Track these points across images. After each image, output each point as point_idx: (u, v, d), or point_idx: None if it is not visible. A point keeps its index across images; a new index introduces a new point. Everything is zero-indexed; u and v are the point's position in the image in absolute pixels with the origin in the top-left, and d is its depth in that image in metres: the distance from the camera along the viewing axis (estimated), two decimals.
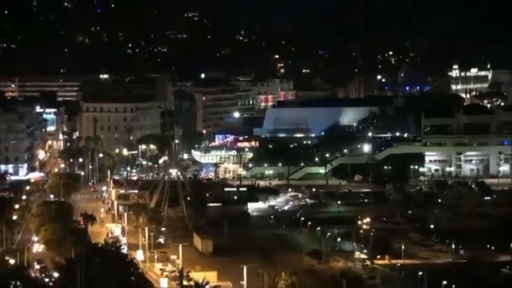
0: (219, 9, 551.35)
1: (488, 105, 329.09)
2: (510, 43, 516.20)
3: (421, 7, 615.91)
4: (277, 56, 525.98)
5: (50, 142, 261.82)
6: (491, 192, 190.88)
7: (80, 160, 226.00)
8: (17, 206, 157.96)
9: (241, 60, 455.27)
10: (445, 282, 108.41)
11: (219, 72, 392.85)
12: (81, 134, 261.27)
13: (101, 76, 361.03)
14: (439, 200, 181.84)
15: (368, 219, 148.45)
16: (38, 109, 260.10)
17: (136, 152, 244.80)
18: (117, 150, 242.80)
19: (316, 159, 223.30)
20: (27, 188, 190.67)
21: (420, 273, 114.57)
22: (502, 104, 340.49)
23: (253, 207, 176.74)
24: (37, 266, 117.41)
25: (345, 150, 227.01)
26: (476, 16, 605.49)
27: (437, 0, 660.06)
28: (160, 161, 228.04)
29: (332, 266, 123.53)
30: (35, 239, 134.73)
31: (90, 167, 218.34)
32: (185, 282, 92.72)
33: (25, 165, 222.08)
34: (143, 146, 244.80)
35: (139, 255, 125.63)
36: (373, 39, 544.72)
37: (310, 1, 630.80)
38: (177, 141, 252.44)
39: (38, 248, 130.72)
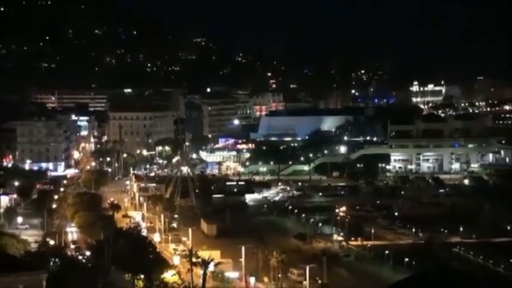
0: (222, 36, 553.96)
1: (442, 115, 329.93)
2: (460, 64, 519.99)
3: (388, 35, 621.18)
4: (269, 74, 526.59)
5: (83, 144, 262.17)
6: (444, 185, 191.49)
7: (108, 159, 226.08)
8: (56, 197, 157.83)
9: (240, 77, 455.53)
10: (406, 259, 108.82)
11: (221, 87, 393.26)
12: (108, 137, 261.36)
13: (125, 90, 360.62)
14: (402, 192, 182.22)
15: (344, 208, 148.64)
16: (74, 117, 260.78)
17: (154, 152, 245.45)
18: (138, 151, 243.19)
19: (302, 158, 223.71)
20: (64, 182, 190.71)
21: (386, 252, 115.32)
22: (454, 113, 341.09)
23: (250, 198, 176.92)
24: (72, 246, 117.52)
25: (325, 151, 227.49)
26: (432, 41, 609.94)
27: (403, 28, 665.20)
28: (174, 160, 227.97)
29: (314, 246, 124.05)
30: (71, 224, 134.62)
31: (116, 164, 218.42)
32: (194, 260, 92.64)
33: (63, 163, 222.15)
34: (159, 148, 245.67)
35: (156, 237, 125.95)
36: (348, 60, 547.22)
37: (298, 28, 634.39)
38: (187, 143, 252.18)
39: (73, 231, 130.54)
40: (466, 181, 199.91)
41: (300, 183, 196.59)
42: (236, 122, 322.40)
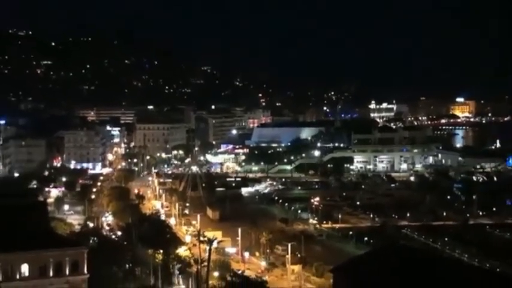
0: (223, 65, 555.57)
1: (394, 126, 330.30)
2: (407, 88, 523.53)
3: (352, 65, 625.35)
4: (260, 95, 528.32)
5: (115, 149, 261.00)
6: (395, 181, 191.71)
7: (135, 160, 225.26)
8: (94, 190, 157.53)
9: (237, 97, 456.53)
10: (366, 238, 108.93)
11: (223, 104, 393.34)
12: (135, 144, 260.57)
13: (148, 107, 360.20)
14: (363, 186, 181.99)
15: (317, 198, 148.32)
16: (108, 128, 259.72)
17: (170, 155, 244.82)
18: (158, 154, 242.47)
19: (285, 160, 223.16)
20: (101, 178, 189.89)
21: (350, 232, 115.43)
22: (402, 125, 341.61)
23: (245, 190, 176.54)
24: (107, 228, 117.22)
25: (303, 155, 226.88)
26: (385, 70, 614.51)
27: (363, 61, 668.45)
28: (186, 161, 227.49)
29: (295, 228, 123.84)
30: (106, 210, 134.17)
31: (141, 164, 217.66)
32: (201, 238, 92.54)
33: (100, 164, 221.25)
34: (175, 151, 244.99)
35: (172, 221, 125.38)
36: (321, 84, 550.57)
37: (282, 59, 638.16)
38: (196, 148, 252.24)
39: (107, 216, 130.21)
40: (412, 178, 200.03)
41: (283, 179, 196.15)
42: (234, 131, 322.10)
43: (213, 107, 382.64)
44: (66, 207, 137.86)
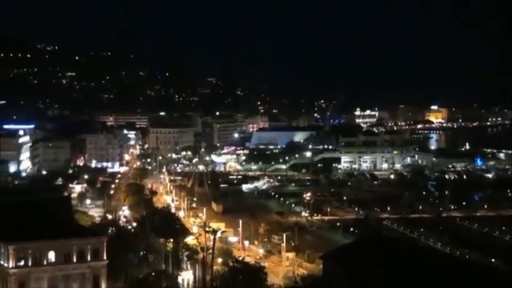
0: (226, 76, 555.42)
1: (376, 131, 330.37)
2: (387, 97, 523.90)
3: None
4: (259, 103, 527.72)
5: (131, 150, 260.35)
6: (377, 178, 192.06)
7: (148, 160, 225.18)
8: (112, 186, 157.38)
9: (239, 105, 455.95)
10: (351, 229, 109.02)
11: (226, 111, 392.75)
12: (149, 145, 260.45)
13: (160, 113, 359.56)
14: (349, 183, 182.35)
15: (309, 194, 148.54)
16: (125, 131, 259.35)
17: (180, 155, 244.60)
18: (169, 155, 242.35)
19: (281, 160, 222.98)
20: (119, 176, 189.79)
21: (338, 224, 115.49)
22: (383, 130, 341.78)
23: (245, 187, 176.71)
24: (124, 220, 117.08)
25: (297, 155, 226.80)
26: (368, 79, 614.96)
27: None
28: (193, 160, 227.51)
29: (289, 220, 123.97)
30: (123, 204, 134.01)
31: (154, 164, 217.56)
32: (207, 229, 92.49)
33: (117, 163, 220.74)
34: (184, 152, 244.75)
35: (181, 214, 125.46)
36: (312, 93, 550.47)
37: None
38: (202, 149, 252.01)
39: (124, 209, 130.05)
40: (392, 176, 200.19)
41: (279, 177, 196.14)
42: (236, 135, 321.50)
43: (217, 113, 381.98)
44: (88, 201, 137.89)
